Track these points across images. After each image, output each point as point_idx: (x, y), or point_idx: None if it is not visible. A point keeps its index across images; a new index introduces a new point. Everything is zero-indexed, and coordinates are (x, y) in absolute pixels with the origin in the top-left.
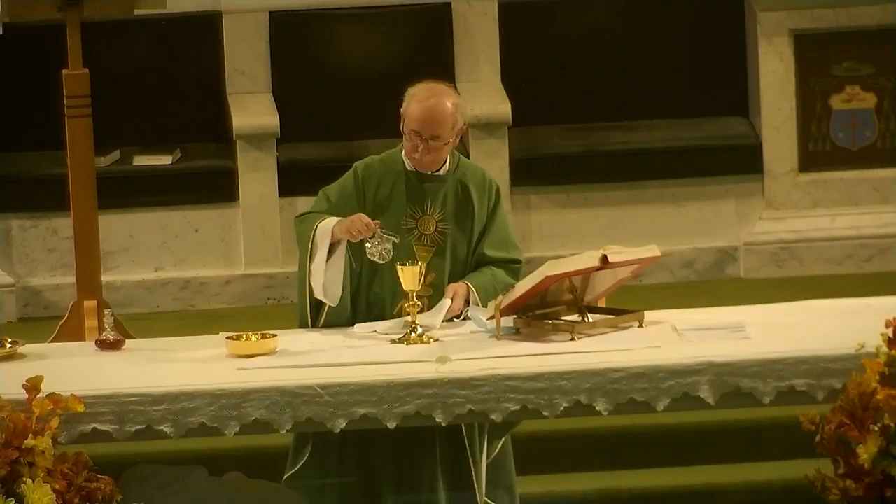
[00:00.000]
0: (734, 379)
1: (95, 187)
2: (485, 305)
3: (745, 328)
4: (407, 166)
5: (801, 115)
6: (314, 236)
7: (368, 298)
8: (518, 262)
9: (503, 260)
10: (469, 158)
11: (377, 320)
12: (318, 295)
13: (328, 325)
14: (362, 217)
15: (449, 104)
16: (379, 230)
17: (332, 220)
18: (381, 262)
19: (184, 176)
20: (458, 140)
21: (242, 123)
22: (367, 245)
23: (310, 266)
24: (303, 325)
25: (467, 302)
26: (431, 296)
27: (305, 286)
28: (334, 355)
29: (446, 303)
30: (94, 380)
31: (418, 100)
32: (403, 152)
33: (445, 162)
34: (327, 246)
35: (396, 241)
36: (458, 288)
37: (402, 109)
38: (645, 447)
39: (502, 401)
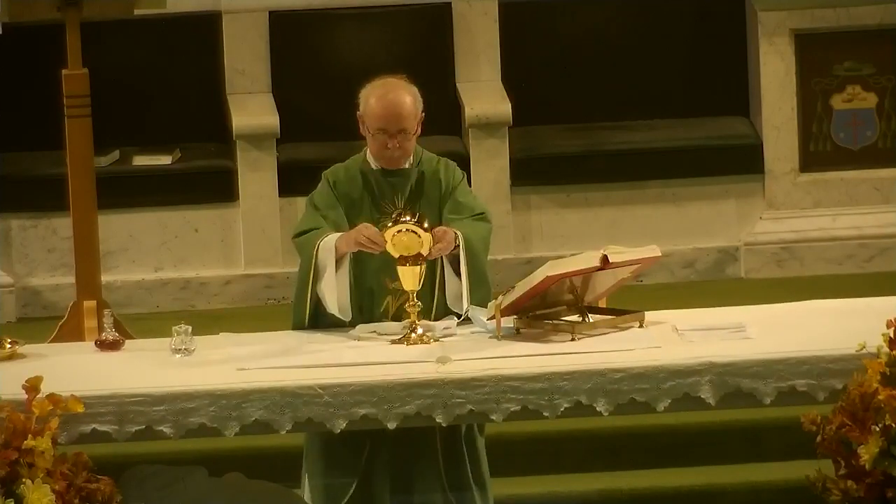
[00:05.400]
0: (735, 379)
1: (95, 187)
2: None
3: (745, 328)
4: (372, 166)
5: (801, 114)
6: (317, 258)
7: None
8: (482, 213)
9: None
10: (470, 158)
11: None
12: (333, 310)
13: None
14: (368, 228)
15: (408, 96)
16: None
17: (332, 238)
18: (181, 356)
19: (183, 176)
20: (420, 129)
21: (242, 123)
22: (173, 340)
23: (319, 286)
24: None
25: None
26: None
27: (305, 298)
28: (334, 355)
29: (444, 323)
30: (94, 380)
31: (377, 97)
32: (368, 154)
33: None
34: (334, 264)
35: (193, 348)
36: (446, 233)
37: (359, 112)
38: (645, 448)
39: (502, 401)
